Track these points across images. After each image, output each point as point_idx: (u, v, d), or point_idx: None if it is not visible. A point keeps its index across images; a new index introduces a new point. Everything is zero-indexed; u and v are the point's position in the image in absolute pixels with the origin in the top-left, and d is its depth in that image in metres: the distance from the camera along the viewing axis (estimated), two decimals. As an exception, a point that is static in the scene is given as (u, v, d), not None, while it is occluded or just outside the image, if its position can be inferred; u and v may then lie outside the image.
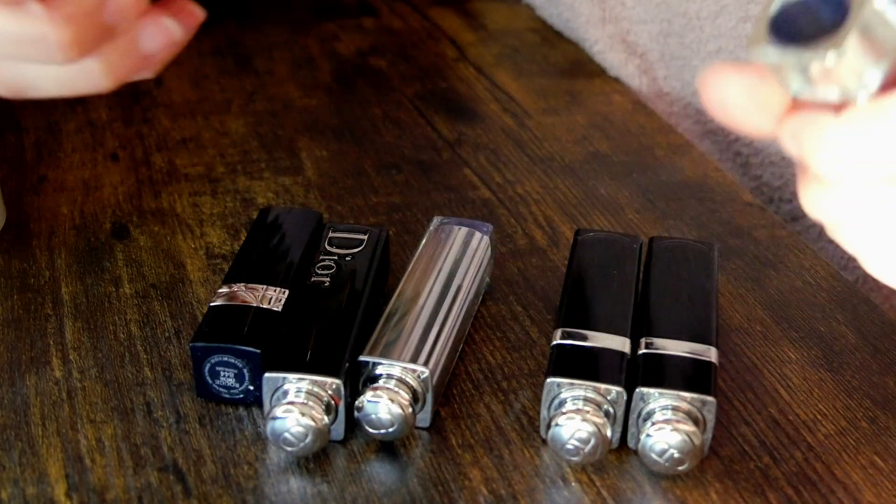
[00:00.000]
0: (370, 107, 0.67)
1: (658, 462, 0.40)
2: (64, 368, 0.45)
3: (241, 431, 0.42)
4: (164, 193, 0.57)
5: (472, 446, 0.42)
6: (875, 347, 0.48)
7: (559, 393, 0.41)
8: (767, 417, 0.44)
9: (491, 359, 0.47)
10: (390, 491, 0.40)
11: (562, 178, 0.60)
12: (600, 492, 0.40)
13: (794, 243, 0.55)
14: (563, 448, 0.40)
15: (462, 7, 0.81)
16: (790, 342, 0.48)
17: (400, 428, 0.41)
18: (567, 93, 0.69)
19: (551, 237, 0.55)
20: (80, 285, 0.50)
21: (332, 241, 0.48)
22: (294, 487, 0.40)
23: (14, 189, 0.56)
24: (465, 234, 0.49)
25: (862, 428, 0.44)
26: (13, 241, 0.53)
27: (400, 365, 0.41)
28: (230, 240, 0.53)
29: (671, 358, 0.42)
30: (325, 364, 0.41)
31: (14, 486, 0.40)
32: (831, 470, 0.42)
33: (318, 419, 0.40)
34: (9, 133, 0.62)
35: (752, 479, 0.41)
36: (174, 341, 0.47)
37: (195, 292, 0.50)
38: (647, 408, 0.40)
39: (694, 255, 0.48)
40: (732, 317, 0.50)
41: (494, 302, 0.50)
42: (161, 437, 0.42)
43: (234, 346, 0.42)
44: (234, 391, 0.43)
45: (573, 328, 0.43)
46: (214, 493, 0.40)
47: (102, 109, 0.64)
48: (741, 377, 0.46)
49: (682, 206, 0.58)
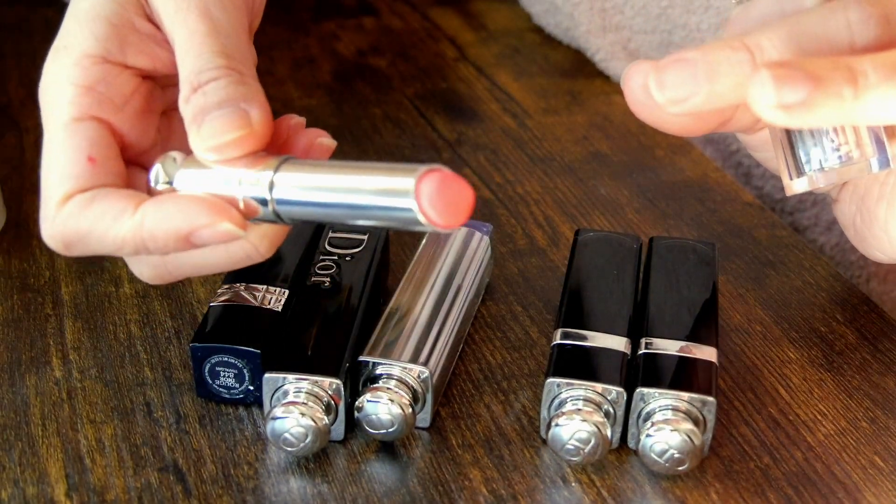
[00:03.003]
0: (370, 107, 0.67)
1: (658, 462, 0.40)
2: (64, 368, 0.45)
3: (241, 431, 0.42)
4: (164, 193, 0.57)
5: (472, 446, 0.42)
6: (875, 347, 0.48)
7: (559, 393, 0.41)
8: (767, 417, 0.44)
9: (491, 359, 0.47)
10: (390, 491, 0.40)
11: (562, 178, 0.60)
12: (600, 492, 0.40)
13: (794, 243, 0.55)
14: (563, 448, 0.40)
15: (462, 7, 0.81)
16: (790, 342, 0.48)
17: (400, 428, 0.41)
18: (567, 93, 0.69)
19: (551, 237, 0.55)
20: (80, 285, 0.50)
21: (332, 241, 0.48)
22: (294, 487, 0.40)
23: (14, 189, 0.56)
24: (465, 234, 0.49)
25: (862, 428, 0.44)
26: (13, 241, 0.53)
27: (400, 365, 0.41)
28: (230, 240, 0.53)
29: (671, 358, 0.42)
30: (325, 364, 0.41)
31: (14, 486, 0.40)
32: (831, 470, 0.42)
33: (318, 419, 0.40)
34: (9, 133, 0.62)
35: (752, 479, 0.41)
36: (174, 341, 0.47)
37: (195, 292, 0.50)
38: (647, 408, 0.40)
39: (694, 254, 0.48)
40: (732, 317, 0.50)
41: (494, 302, 0.50)
42: (161, 438, 0.42)
43: (234, 346, 0.42)
44: (234, 391, 0.43)
45: (573, 328, 0.43)
46: (214, 494, 0.40)
47: (102, 109, 0.64)
48: (741, 377, 0.46)
49: (682, 206, 0.58)
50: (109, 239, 0.37)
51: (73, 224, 0.37)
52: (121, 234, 0.36)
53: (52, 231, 0.38)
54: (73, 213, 0.37)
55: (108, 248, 0.37)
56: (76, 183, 0.37)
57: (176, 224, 0.36)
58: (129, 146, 0.40)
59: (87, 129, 0.38)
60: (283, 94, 0.68)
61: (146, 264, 0.39)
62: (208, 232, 0.36)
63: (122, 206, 0.37)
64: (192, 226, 0.36)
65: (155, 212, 0.36)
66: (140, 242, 0.36)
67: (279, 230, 0.38)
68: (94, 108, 0.38)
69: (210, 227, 0.35)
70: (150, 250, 0.37)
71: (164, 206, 0.36)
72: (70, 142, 0.38)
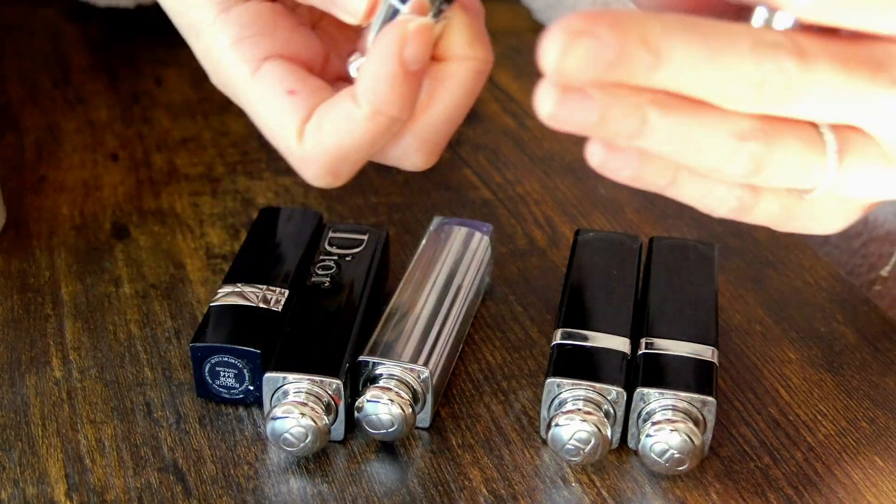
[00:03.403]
0: (370, 107, 0.67)
1: (658, 462, 0.40)
2: (64, 368, 0.45)
3: (241, 431, 0.42)
4: (164, 193, 0.57)
5: (472, 446, 0.42)
6: (875, 347, 0.48)
7: (559, 393, 0.41)
8: (767, 417, 0.44)
9: (491, 359, 0.47)
10: (390, 491, 0.40)
11: (562, 178, 0.60)
12: (600, 492, 0.40)
13: (794, 243, 0.55)
14: (563, 448, 0.40)
15: (462, 7, 0.81)
16: (790, 342, 0.48)
17: (400, 428, 0.41)
18: (567, 93, 0.69)
19: (551, 237, 0.55)
20: (80, 285, 0.50)
21: (333, 242, 0.48)
22: (294, 487, 0.40)
23: (14, 189, 0.56)
24: (465, 234, 0.49)
25: (862, 428, 0.44)
26: (13, 241, 0.53)
27: (400, 365, 0.41)
28: (230, 240, 0.53)
29: (671, 358, 0.42)
30: (325, 364, 0.41)
31: (14, 486, 0.40)
32: (831, 470, 0.42)
33: (318, 419, 0.40)
34: (9, 133, 0.62)
35: (752, 479, 0.41)
36: (174, 341, 0.47)
37: (195, 292, 0.50)
38: (647, 408, 0.40)
39: (694, 254, 0.48)
40: (732, 317, 0.50)
41: (494, 302, 0.50)
42: (161, 438, 0.42)
43: (234, 346, 0.42)
44: (234, 391, 0.43)
45: (573, 328, 0.43)
46: (214, 494, 0.40)
47: (102, 109, 0.64)
48: (741, 377, 0.46)
49: (682, 206, 0.57)
50: (358, 135, 0.37)
51: (321, 149, 0.37)
52: (359, 122, 0.36)
53: (313, 170, 0.38)
54: (313, 142, 0.37)
55: (363, 146, 0.37)
56: (295, 118, 0.38)
57: (384, 63, 0.35)
58: (307, 63, 0.40)
59: (267, 72, 0.38)
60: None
61: (413, 143, 0.39)
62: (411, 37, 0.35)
63: (344, 103, 0.37)
64: (395, 50, 0.35)
65: (366, 75, 0.36)
66: (377, 112, 0.36)
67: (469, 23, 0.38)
68: (257, 51, 0.39)
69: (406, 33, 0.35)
70: (391, 114, 0.36)
71: (367, 66, 0.36)
72: (263, 92, 0.38)
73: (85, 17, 0.75)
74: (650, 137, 0.31)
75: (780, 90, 0.30)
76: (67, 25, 0.74)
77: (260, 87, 0.38)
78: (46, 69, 0.69)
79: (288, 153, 0.38)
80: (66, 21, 0.74)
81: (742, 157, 0.31)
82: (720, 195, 0.33)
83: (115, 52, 0.71)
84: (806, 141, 0.32)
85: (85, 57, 0.70)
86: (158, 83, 0.67)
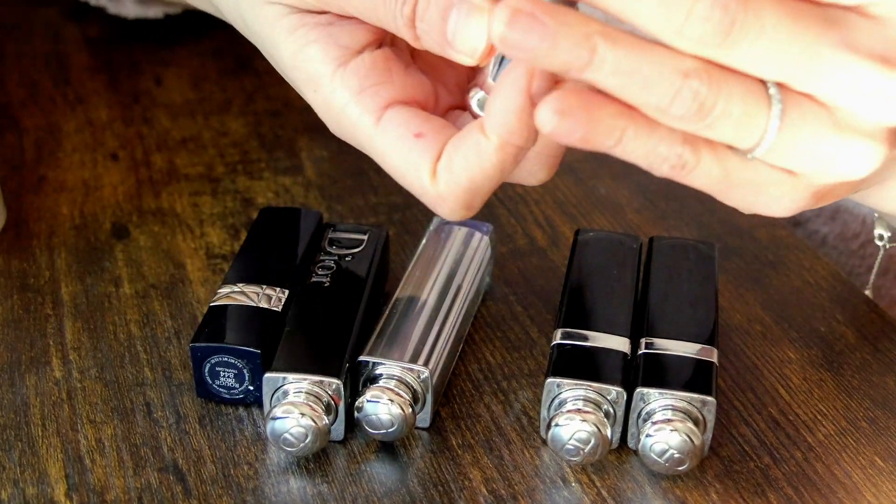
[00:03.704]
0: (370, 107, 0.67)
1: (658, 462, 0.40)
2: (64, 368, 0.45)
3: (241, 431, 0.42)
4: (164, 193, 0.57)
5: (472, 446, 0.42)
6: (875, 347, 0.48)
7: (559, 393, 0.41)
8: (767, 417, 0.44)
9: (491, 359, 0.47)
10: (390, 491, 0.40)
11: (562, 178, 0.60)
12: (600, 492, 0.40)
13: (794, 243, 0.55)
14: (563, 448, 0.40)
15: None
16: (790, 342, 0.48)
17: (400, 428, 0.41)
18: (567, 93, 0.69)
19: (551, 237, 0.55)
20: (80, 285, 0.50)
21: (333, 241, 0.48)
22: (294, 487, 0.40)
23: (14, 189, 0.56)
24: (465, 234, 0.49)
25: (862, 428, 0.44)
26: (13, 241, 0.53)
27: (400, 365, 0.41)
28: (230, 240, 0.53)
29: (671, 358, 0.42)
30: (325, 364, 0.41)
31: (14, 487, 0.40)
32: (831, 470, 0.42)
33: (318, 419, 0.40)
34: (9, 133, 0.62)
35: (752, 479, 0.41)
36: (174, 341, 0.47)
37: (195, 292, 0.50)
38: (647, 408, 0.40)
39: (694, 254, 0.48)
40: (732, 317, 0.50)
41: (494, 302, 0.50)
42: (161, 438, 0.42)
43: (234, 346, 0.42)
44: (234, 391, 0.43)
45: (573, 328, 0.43)
46: (214, 494, 0.40)
47: (102, 109, 0.64)
48: (741, 377, 0.46)
49: (682, 206, 0.58)
50: (489, 166, 0.37)
51: (454, 185, 0.37)
52: (489, 155, 0.37)
53: (450, 206, 0.38)
54: (446, 179, 0.37)
55: (494, 176, 0.37)
56: (426, 160, 0.38)
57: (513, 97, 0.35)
58: (422, 104, 0.40)
59: (391, 119, 0.39)
60: (283, 94, 0.68)
61: (537, 162, 0.39)
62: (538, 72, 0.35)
63: (472, 138, 0.37)
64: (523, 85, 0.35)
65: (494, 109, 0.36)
66: (506, 143, 0.36)
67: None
68: (378, 100, 0.39)
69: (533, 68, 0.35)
70: (519, 144, 0.36)
71: (495, 100, 0.36)
72: (392, 139, 0.39)
73: (85, 17, 0.75)
74: (599, 70, 0.32)
75: (722, 29, 0.31)
76: (67, 25, 0.74)
77: (387, 136, 0.39)
78: (46, 69, 0.69)
79: (423, 193, 0.38)
80: (66, 21, 0.74)
81: (686, 96, 0.32)
82: (662, 152, 0.34)
83: (115, 52, 0.71)
84: (751, 93, 0.32)
85: (85, 57, 0.70)
86: (158, 83, 0.67)
